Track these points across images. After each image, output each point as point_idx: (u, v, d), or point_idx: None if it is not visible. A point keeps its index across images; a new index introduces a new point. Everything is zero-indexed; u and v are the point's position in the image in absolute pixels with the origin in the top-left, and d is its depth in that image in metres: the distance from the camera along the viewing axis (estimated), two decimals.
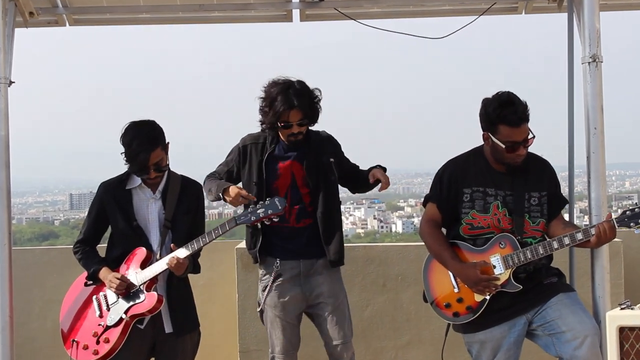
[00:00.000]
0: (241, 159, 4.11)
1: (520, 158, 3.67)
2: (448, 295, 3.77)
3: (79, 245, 4.00)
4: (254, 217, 3.71)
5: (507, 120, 3.60)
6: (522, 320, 3.69)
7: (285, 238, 4.05)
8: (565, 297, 3.67)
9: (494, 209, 3.71)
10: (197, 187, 4.06)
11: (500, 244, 3.67)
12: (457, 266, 3.71)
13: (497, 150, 3.68)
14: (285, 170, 4.04)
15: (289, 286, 4.04)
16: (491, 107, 3.65)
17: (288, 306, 4.05)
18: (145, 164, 3.74)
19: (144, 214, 3.90)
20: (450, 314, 3.77)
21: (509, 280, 3.64)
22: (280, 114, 3.93)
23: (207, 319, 5.33)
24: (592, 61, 3.81)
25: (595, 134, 3.82)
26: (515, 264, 3.62)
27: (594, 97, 3.83)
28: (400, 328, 5.32)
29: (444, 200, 3.80)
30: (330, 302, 4.04)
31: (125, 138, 3.77)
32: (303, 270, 4.04)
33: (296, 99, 3.92)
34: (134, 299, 3.79)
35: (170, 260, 3.74)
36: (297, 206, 4.03)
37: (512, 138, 3.62)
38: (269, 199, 3.73)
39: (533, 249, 3.60)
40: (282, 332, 4.06)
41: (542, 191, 3.75)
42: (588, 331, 3.52)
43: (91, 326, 3.86)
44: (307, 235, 4.04)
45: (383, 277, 5.29)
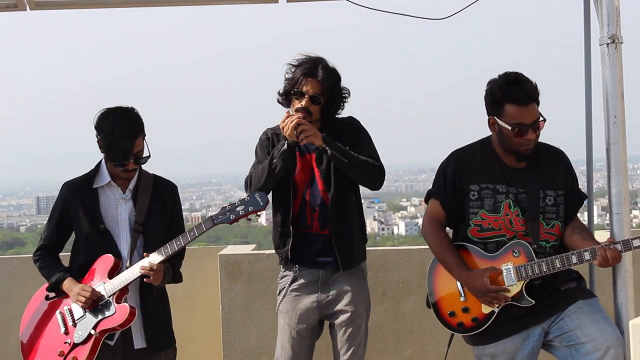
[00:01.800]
0: (271, 148, 4.04)
1: (530, 144, 3.65)
2: (453, 302, 3.75)
3: (40, 252, 3.97)
4: (233, 216, 3.68)
5: (514, 98, 3.58)
6: (537, 330, 3.67)
7: (308, 244, 4.02)
8: (585, 305, 3.65)
9: (505, 208, 3.69)
10: (173, 188, 4.04)
11: (514, 252, 3.64)
12: (463, 274, 3.68)
13: (504, 135, 3.65)
14: (305, 164, 4.02)
15: (305, 293, 4.03)
16: (497, 85, 3.64)
17: (300, 314, 4.03)
18: (128, 151, 3.74)
19: (112, 216, 3.87)
20: (454, 323, 3.76)
21: (520, 293, 3.62)
22: (297, 81, 3.96)
23: (188, 334, 5.31)
24: (611, 42, 3.79)
25: (616, 123, 3.80)
26: (528, 276, 3.60)
27: (613, 83, 3.81)
28: (402, 341, 5.30)
29: (448, 197, 3.78)
30: (347, 312, 4.00)
31: (104, 123, 3.77)
32: (322, 277, 4.02)
33: (321, 71, 3.96)
34: (102, 313, 3.76)
35: (143, 267, 3.70)
36: (317, 211, 4.00)
37: (520, 119, 3.59)
38: (249, 195, 3.70)
39: (549, 263, 3.57)
40: (289, 342, 4.05)
41: (558, 190, 3.73)
42: (610, 342, 3.50)
43: (56, 344, 3.83)
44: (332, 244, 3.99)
45: (382, 285, 5.28)
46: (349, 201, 4.06)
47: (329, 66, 4.01)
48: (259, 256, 5.33)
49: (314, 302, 4.02)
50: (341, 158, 3.85)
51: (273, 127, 4.11)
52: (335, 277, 4.02)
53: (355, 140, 4.04)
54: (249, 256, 5.35)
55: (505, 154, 3.73)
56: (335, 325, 4.04)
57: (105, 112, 3.81)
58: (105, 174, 3.89)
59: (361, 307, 4.07)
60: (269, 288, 5.16)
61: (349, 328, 4.02)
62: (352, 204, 4.08)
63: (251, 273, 5.28)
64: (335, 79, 4.02)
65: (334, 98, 4.04)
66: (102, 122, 3.79)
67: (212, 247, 6.08)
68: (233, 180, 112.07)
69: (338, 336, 4.04)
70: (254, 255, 5.35)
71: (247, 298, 5.27)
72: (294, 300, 4.04)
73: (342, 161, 3.86)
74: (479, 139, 3.86)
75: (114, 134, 3.73)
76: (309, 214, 4.01)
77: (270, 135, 4.09)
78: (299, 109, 3.94)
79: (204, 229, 3.72)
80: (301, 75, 3.96)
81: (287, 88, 4.02)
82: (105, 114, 3.80)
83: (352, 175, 3.97)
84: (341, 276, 4.01)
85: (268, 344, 5.15)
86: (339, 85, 4.05)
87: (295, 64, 4.03)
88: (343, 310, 4.01)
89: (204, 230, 3.72)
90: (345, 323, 4.01)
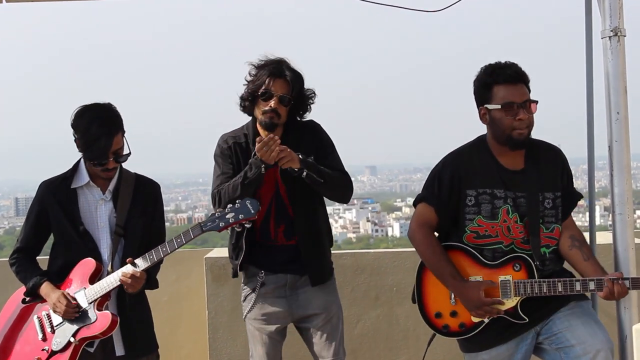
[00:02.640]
0: (234, 157, 4.02)
1: (523, 127, 3.62)
2: (442, 304, 3.74)
3: (16, 255, 3.95)
4: (222, 223, 3.65)
5: (501, 77, 3.62)
6: (530, 334, 3.68)
7: (272, 254, 4.02)
8: (577, 307, 3.65)
9: (503, 214, 3.67)
10: (155, 187, 4.02)
11: (515, 266, 3.64)
12: (458, 285, 3.65)
13: (495, 122, 3.65)
14: (269, 178, 3.96)
15: (272, 297, 4.02)
16: (483, 72, 3.68)
17: (270, 319, 4.03)
18: (106, 150, 3.71)
19: (92, 218, 3.85)
20: (439, 325, 3.75)
21: (515, 308, 3.62)
22: (263, 82, 3.93)
23: (173, 340, 5.31)
24: (614, 35, 3.78)
25: (618, 119, 3.80)
26: (527, 293, 3.60)
27: (615, 77, 3.80)
28: (396, 347, 5.30)
29: (443, 203, 3.74)
30: (321, 315, 4.01)
31: (80, 121, 3.75)
32: (290, 281, 4.02)
33: (288, 71, 3.95)
34: (83, 320, 3.73)
35: (124, 274, 3.68)
36: (282, 225, 3.99)
37: (510, 98, 3.60)
38: (239, 201, 3.66)
39: (551, 285, 3.57)
40: (264, 348, 4.05)
41: (556, 191, 3.73)
42: (600, 345, 3.51)
43: (33, 351, 3.80)
44: (298, 252, 4.01)
45: (376, 289, 5.27)
46: (316, 213, 4.06)
47: (293, 67, 4.00)
48: None
49: (284, 306, 4.02)
50: (317, 179, 3.85)
51: (232, 134, 4.09)
52: (303, 281, 4.02)
53: (320, 149, 4.04)
54: None
55: (502, 153, 3.72)
56: (311, 329, 4.03)
57: (81, 110, 3.78)
58: (84, 173, 3.87)
59: (334, 305, 4.09)
60: None
61: (327, 330, 4.02)
62: (319, 214, 4.08)
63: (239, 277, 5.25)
64: (302, 80, 4.01)
65: (302, 100, 4.02)
66: (78, 120, 3.76)
67: (198, 249, 6.06)
68: None
69: (315, 339, 4.03)
70: None
71: (234, 303, 5.24)
72: (263, 305, 4.04)
73: (317, 181, 3.85)
74: (474, 139, 3.84)
75: (90, 132, 3.70)
76: (272, 229, 4.00)
77: (231, 144, 4.05)
78: (267, 111, 3.92)
79: (192, 236, 3.69)
80: (268, 76, 3.93)
81: (252, 89, 3.96)
82: (81, 112, 3.77)
83: (323, 192, 3.99)
84: (308, 280, 4.01)
85: None
86: (304, 87, 4.03)
87: (257, 64, 4.00)
88: (317, 313, 4.02)
89: (191, 238, 3.69)
90: (321, 326, 4.02)
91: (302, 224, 3.98)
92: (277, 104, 3.92)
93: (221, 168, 4.05)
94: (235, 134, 4.09)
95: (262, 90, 3.93)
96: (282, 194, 3.99)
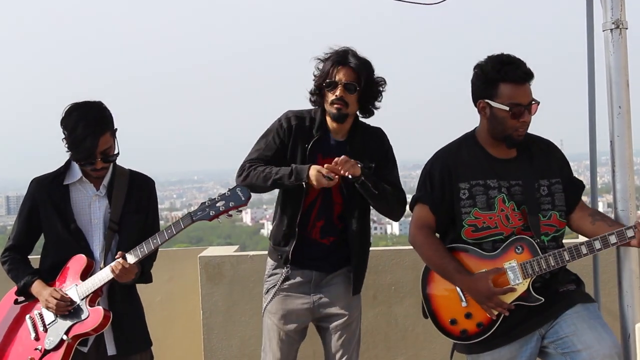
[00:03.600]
0: (290, 139, 4.00)
1: (524, 128, 3.64)
2: (454, 309, 3.70)
3: (8, 253, 3.95)
4: (213, 212, 3.65)
5: (510, 76, 3.58)
6: (534, 336, 3.65)
7: (303, 247, 4.01)
8: (583, 309, 3.63)
9: (500, 203, 3.66)
10: (149, 183, 4.01)
11: (517, 248, 3.62)
12: (465, 279, 3.63)
13: (497, 119, 3.63)
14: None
15: (295, 293, 4.03)
16: (489, 65, 3.64)
17: (290, 315, 4.03)
18: (92, 150, 3.69)
19: (85, 215, 3.85)
20: (456, 331, 3.71)
21: (527, 291, 3.59)
22: (328, 71, 3.93)
23: (167, 341, 5.30)
24: (615, 28, 3.78)
25: (620, 113, 3.79)
26: (535, 272, 3.58)
27: (617, 71, 3.79)
28: (394, 347, 5.29)
29: (437, 199, 3.73)
30: (342, 317, 4.02)
31: (68, 121, 3.73)
32: (315, 278, 4.02)
33: (352, 59, 3.94)
34: (75, 317, 3.73)
35: (115, 265, 3.68)
36: (322, 221, 4.00)
37: (517, 99, 3.59)
38: (230, 189, 3.66)
39: (557, 256, 3.55)
40: (278, 344, 4.04)
41: (551, 178, 3.72)
42: (607, 350, 3.48)
43: (26, 351, 3.81)
44: (329, 252, 4.02)
45: (373, 288, 5.26)
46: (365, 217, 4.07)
47: (357, 53, 3.99)
48: (241, 258, 5.31)
49: (306, 304, 4.02)
50: (372, 190, 3.86)
51: (298, 113, 4.07)
52: (329, 279, 4.02)
53: (384, 160, 4.05)
54: (231, 258, 5.33)
55: (492, 144, 3.72)
56: (330, 329, 4.03)
57: (69, 109, 3.77)
58: (76, 170, 3.87)
59: (356, 310, 4.09)
60: (252, 292, 5.14)
61: (344, 333, 4.02)
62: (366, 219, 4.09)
63: (233, 276, 5.26)
64: (369, 67, 4.00)
65: (371, 89, 4.00)
66: (66, 119, 3.74)
67: (192, 248, 6.06)
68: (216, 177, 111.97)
69: (332, 341, 4.03)
70: (237, 257, 5.33)
71: (229, 303, 5.25)
72: (284, 300, 4.03)
73: (372, 192, 3.87)
74: (462, 135, 3.84)
75: (76, 133, 3.68)
76: (312, 221, 4.00)
77: (293, 123, 4.03)
78: (334, 101, 3.92)
79: (182, 226, 3.69)
80: (332, 65, 3.94)
81: (319, 82, 3.97)
82: (70, 110, 3.76)
83: (374, 204, 4.00)
84: (335, 278, 4.02)
85: (252, 352, 5.13)
86: (373, 74, 4.01)
87: (323, 58, 4.01)
88: (338, 314, 4.02)
89: (182, 228, 3.69)
90: (340, 327, 4.01)
91: (351, 224, 3.99)
92: (343, 92, 3.91)
93: (266, 144, 4.04)
94: (301, 114, 4.07)
95: (327, 80, 3.93)
96: (332, 189, 3.97)
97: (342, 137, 4.03)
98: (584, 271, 3.85)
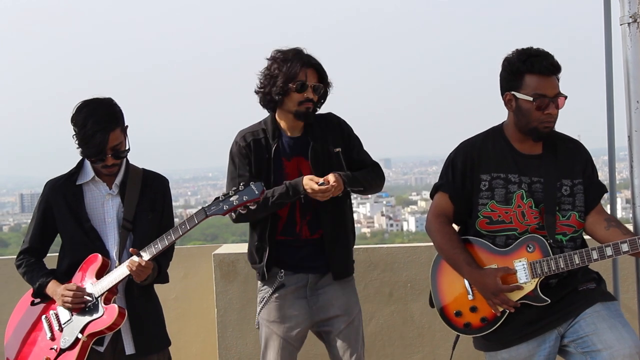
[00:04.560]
0: (252, 155, 4.02)
1: (551, 121, 3.64)
2: (460, 301, 3.74)
3: (23, 256, 3.97)
4: (227, 206, 3.66)
5: (536, 67, 3.60)
6: (553, 335, 3.65)
7: (293, 250, 4.03)
8: (603, 308, 3.62)
9: (517, 199, 3.67)
10: (163, 182, 4.03)
11: (528, 247, 3.63)
12: (473, 273, 3.65)
13: (522, 111, 3.64)
14: (292, 169, 4.01)
15: (292, 298, 4.02)
16: (516, 57, 3.66)
17: (289, 322, 4.02)
18: (102, 146, 3.71)
19: (99, 214, 3.87)
20: (460, 324, 3.75)
21: (534, 291, 3.61)
22: (294, 74, 3.94)
23: (182, 339, 5.32)
24: (633, 21, 3.77)
25: (638, 108, 3.78)
26: (544, 273, 3.59)
27: (635, 65, 3.78)
28: (411, 345, 5.30)
29: (457, 189, 3.76)
30: (342, 317, 4.02)
31: (78, 117, 3.76)
32: (311, 281, 4.03)
33: (313, 60, 4.00)
34: (90, 315, 3.75)
35: (131, 263, 3.69)
36: (308, 217, 4.01)
37: (542, 90, 3.60)
38: (243, 184, 3.67)
39: (567, 258, 3.56)
40: (279, 353, 4.03)
41: (575, 179, 3.72)
42: (629, 350, 3.47)
43: (42, 351, 3.83)
44: (321, 249, 4.03)
45: (389, 285, 5.27)
46: (343, 206, 4.08)
47: (309, 53, 4.03)
48: None
49: (304, 308, 4.02)
50: (358, 189, 4.02)
51: (250, 130, 4.08)
52: (324, 280, 4.03)
53: (349, 144, 4.09)
54: (245, 255, 5.29)
55: (519, 139, 3.72)
56: (333, 333, 4.03)
57: (80, 105, 3.79)
58: (89, 169, 3.88)
59: (356, 308, 4.10)
60: None
61: (349, 333, 4.02)
62: (345, 207, 4.10)
63: (248, 273, 5.26)
64: (322, 65, 4.05)
65: (326, 85, 4.06)
66: (77, 115, 3.77)
67: (206, 246, 6.08)
68: None
69: (337, 343, 4.02)
70: None
71: (243, 300, 5.27)
72: (282, 307, 4.02)
73: (359, 191, 4.04)
74: (490, 128, 3.85)
75: (86, 129, 3.70)
76: (298, 220, 4.01)
77: (250, 141, 4.04)
78: (303, 102, 3.94)
79: (196, 222, 3.69)
80: (301, 66, 3.95)
81: (284, 82, 3.94)
82: (80, 107, 3.78)
83: (362, 193, 4.15)
84: (330, 279, 4.03)
85: None
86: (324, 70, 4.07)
87: (281, 57, 3.99)
88: (338, 315, 4.02)
89: (196, 223, 3.70)
90: (344, 328, 4.02)
91: (327, 214, 4.00)
92: (312, 93, 3.96)
93: (237, 170, 4.05)
94: (253, 129, 4.09)
95: (294, 85, 3.93)
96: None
97: (299, 132, 4.06)
98: (602, 267, 3.83)
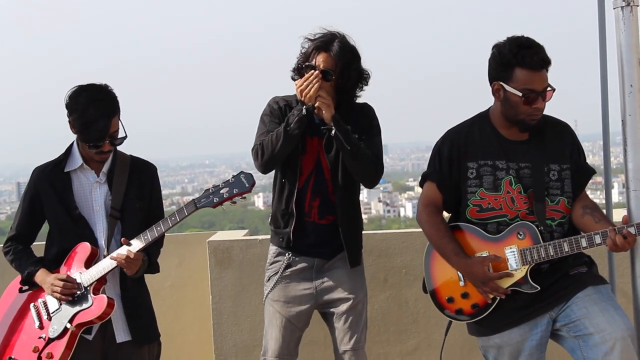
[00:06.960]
0: (282, 119, 4.01)
1: (538, 114, 3.64)
2: (452, 288, 3.76)
3: (10, 243, 3.97)
4: (216, 199, 3.67)
5: (527, 62, 3.57)
6: (544, 319, 3.66)
7: (305, 232, 4.05)
8: (595, 292, 3.63)
9: (506, 185, 3.67)
10: (151, 169, 4.03)
11: (519, 234, 3.64)
12: (461, 262, 3.67)
13: (510, 103, 3.63)
14: (312, 147, 4.03)
15: (297, 279, 4.06)
16: (507, 47, 3.62)
17: (293, 301, 4.06)
18: (104, 132, 3.71)
19: (87, 202, 3.86)
20: (452, 310, 3.77)
21: (525, 278, 3.61)
22: (308, 54, 3.97)
23: (177, 327, 5.32)
24: (626, 5, 3.74)
25: (632, 92, 3.76)
26: (534, 260, 3.60)
27: (629, 49, 3.76)
28: (406, 331, 5.30)
29: (445, 178, 3.76)
30: (347, 300, 4.04)
31: (76, 102, 3.74)
32: (317, 264, 4.06)
33: (335, 45, 3.95)
34: (79, 304, 3.75)
35: (119, 255, 3.69)
36: (318, 199, 4.03)
37: (531, 85, 3.58)
38: (234, 176, 3.68)
39: (557, 246, 3.57)
40: (281, 332, 4.07)
41: (563, 163, 3.72)
42: (620, 333, 3.48)
43: (30, 340, 3.82)
44: (329, 235, 4.05)
45: (384, 271, 5.26)
46: (355, 193, 4.12)
47: (347, 42, 3.99)
48: (250, 242, 5.31)
49: (309, 289, 4.05)
50: (344, 144, 3.86)
51: (283, 96, 4.13)
52: (331, 264, 4.05)
53: (366, 129, 4.05)
54: (240, 242, 5.33)
55: (505, 126, 3.72)
56: (335, 314, 4.05)
57: (77, 90, 3.78)
58: (77, 156, 3.88)
59: (361, 292, 4.11)
60: (262, 276, 5.09)
61: (350, 316, 4.04)
62: (356, 196, 4.15)
63: (243, 260, 5.26)
64: (351, 56, 4.00)
65: (349, 77, 4.00)
66: (74, 100, 3.75)
67: (201, 233, 6.07)
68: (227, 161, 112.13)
69: (339, 325, 4.05)
70: (246, 241, 5.33)
71: (238, 287, 5.26)
72: (287, 287, 4.06)
73: (344, 147, 3.88)
74: (475, 114, 3.84)
75: (88, 114, 3.69)
76: (308, 202, 4.03)
77: (282, 105, 4.07)
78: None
79: (186, 213, 3.71)
80: (313, 48, 3.97)
81: (300, 61, 4.01)
82: (77, 92, 3.77)
83: (349, 164, 3.97)
84: (337, 262, 4.05)
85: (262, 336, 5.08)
86: (356, 64, 4.03)
87: (310, 37, 4.02)
88: (343, 298, 4.04)
89: (185, 215, 3.72)
90: (346, 311, 4.03)
91: (341, 199, 4.01)
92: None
93: (267, 126, 4.06)
94: (287, 97, 4.11)
95: (306, 64, 3.96)
96: (323, 167, 4.02)
97: None
98: (596, 251, 3.82)
